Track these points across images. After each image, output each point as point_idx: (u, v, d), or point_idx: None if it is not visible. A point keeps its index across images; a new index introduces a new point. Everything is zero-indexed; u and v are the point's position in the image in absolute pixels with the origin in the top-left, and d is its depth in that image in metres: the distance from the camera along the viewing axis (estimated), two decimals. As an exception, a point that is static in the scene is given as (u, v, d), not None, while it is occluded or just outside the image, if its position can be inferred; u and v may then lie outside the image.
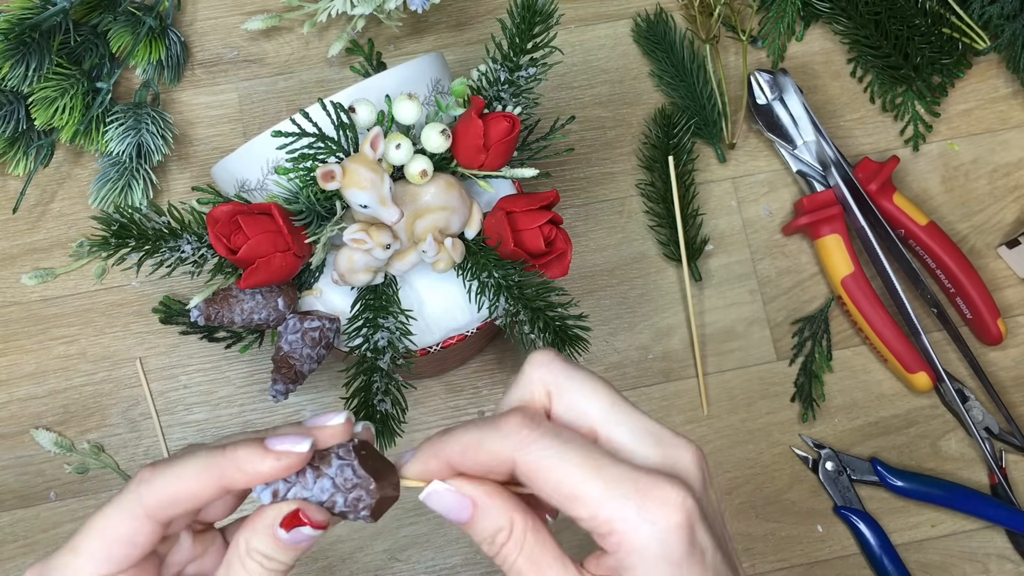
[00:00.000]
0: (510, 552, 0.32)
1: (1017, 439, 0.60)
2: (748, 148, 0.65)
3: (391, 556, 0.58)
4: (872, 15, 0.64)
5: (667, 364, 0.62)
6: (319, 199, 0.46)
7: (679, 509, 0.30)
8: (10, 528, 0.58)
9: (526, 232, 0.49)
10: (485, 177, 0.49)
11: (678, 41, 0.65)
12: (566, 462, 0.30)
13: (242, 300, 0.48)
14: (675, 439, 0.32)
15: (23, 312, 0.61)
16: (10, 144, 0.59)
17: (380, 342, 0.48)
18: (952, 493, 0.59)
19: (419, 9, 0.58)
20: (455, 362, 0.59)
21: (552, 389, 0.33)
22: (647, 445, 0.32)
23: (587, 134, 0.65)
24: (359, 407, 0.48)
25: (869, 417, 0.61)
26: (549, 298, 0.49)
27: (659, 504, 0.30)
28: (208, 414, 0.60)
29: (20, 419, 0.59)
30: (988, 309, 0.61)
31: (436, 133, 0.45)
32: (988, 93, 0.66)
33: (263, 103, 0.64)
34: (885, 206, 0.62)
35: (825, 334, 0.62)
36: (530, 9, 0.48)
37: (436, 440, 0.33)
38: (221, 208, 0.45)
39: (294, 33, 0.65)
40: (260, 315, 0.48)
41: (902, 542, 0.60)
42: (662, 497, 0.30)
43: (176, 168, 0.63)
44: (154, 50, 0.61)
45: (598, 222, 0.64)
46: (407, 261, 0.48)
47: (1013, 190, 0.65)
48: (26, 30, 0.56)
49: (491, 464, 0.32)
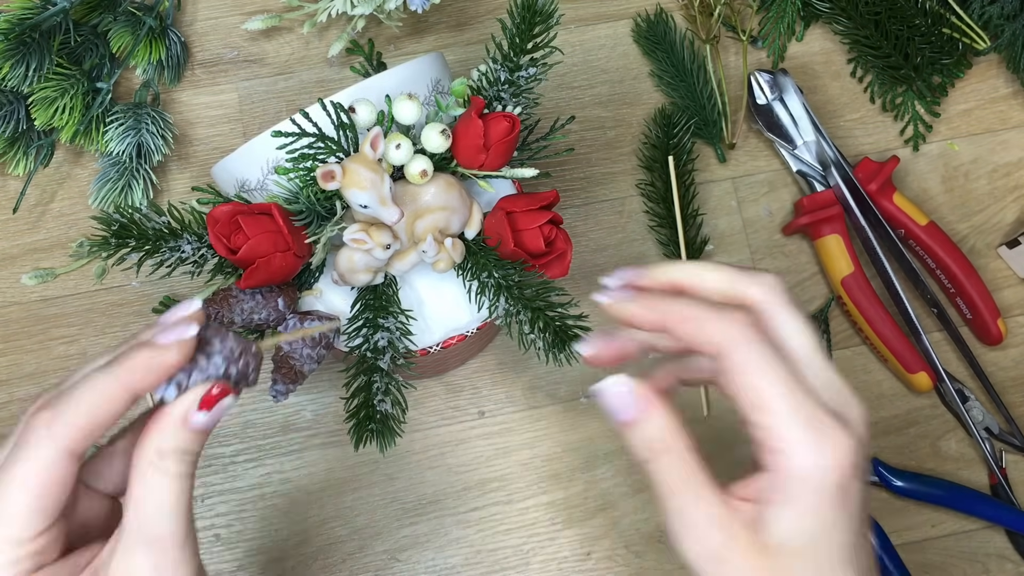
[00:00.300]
0: (667, 464, 0.34)
1: (1017, 439, 0.60)
2: (748, 148, 0.65)
3: (391, 556, 0.58)
4: (872, 15, 0.64)
5: (667, 364, 0.62)
6: (319, 199, 0.46)
7: (849, 453, 0.32)
8: (10, 528, 0.58)
9: (526, 232, 0.49)
10: (485, 177, 0.49)
11: (678, 41, 0.65)
12: (770, 374, 0.32)
13: (242, 300, 0.48)
14: (852, 397, 0.35)
15: (23, 312, 0.61)
16: (10, 144, 0.59)
17: (380, 342, 0.48)
18: (952, 493, 0.59)
19: (419, 9, 0.58)
20: (455, 362, 0.59)
21: (768, 309, 0.35)
22: (830, 393, 0.34)
23: (587, 134, 0.65)
24: (359, 407, 0.48)
25: (869, 417, 0.61)
26: (549, 298, 0.49)
27: (833, 443, 0.32)
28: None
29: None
30: (988, 309, 0.61)
31: (436, 133, 0.45)
32: (988, 93, 0.66)
33: (263, 103, 0.64)
34: (885, 206, 0.62)
35: (825, 334, 0.62)
36: (530, 9, 0.48)
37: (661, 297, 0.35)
38: (221, 208, 0.45)
39: (294, 33, 0.65)
40: (260, 315, 0.48)
41: (902, 542, 0.60)
42: (837, 438, 0.32)
43: (176, 168, 0.63)
44: (154, 50, 0.61)
45: (598, 222, 0.64)
46: (407, 261, 0.48)
47: (1013, 190, 0.65)
48: (26, 30, 0.56)
49: (700, 342, 0.34)
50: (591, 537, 0.59)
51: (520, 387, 0.61)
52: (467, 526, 0.59)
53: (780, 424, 0.32)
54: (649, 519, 0.59)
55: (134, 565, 0.32)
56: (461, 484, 0.59)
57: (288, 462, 0.59)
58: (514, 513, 0.59)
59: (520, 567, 0.59)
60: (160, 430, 0.33)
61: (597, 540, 0.59)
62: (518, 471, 0.60)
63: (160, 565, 0.32)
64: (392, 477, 0.59)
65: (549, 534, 0.59)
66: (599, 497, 0.59)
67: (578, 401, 0.61)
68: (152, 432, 0.33)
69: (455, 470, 0.60)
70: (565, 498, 0.60)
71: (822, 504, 0.32)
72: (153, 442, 0.33)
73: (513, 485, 0.60)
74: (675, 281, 0.37)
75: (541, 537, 0.59)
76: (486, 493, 0.59)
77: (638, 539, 0.59)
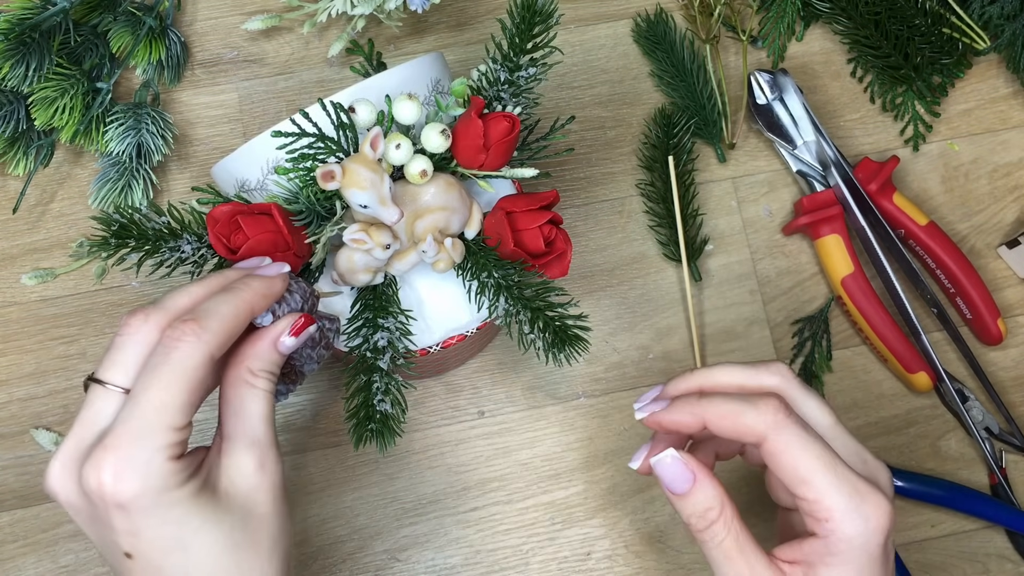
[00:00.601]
0: (719, 531, 0.39)
1: (1017, 439, 0.60)
2: (748, 148, 0.65)
3: (391, 556, 0.58)
4: (872, 15, 0.64)
5: (667, 364, 0.62)
6: (319, 199, 0.46)
7: (886, 515, 0.38)
8: (10, 528, 0.58)
9: (526, 232, 0.49)
10: (485, 177, 0.49)
11: (678, 41, 0.65)
12: (807, 451, 0.38)
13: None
14: (876, 461, 0.41)
15: (23, 312, 0.61)
16: (10, 144, 0.59)
17: (380, 342, 0.48)
18: (952, 493, 0.59)
19: (419, 9, 0.58)
20: (455, 362, 0.59)
21: (788, 393, 0.41)
22: (857, 460, 0.40)
23: (587, 134, 0.65)
24: (359, 407, 0.48)
25: (869, 417, 0.61)
26: (549, 298, 0.49)
27: (872, 507, 0.37)
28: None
29: (20, 419, 0.59)
30: (988, 309, 0.61)
31: (436, 133, 0.45)
32: (988, 93, 0.66)
33: (263, 103, 0.64)
34: (885, 206, 0.62)
35: (825, 334, 0.62)
36: (530, 9, 0.48)
37: (695, 399, 0.40)
38: (221, 208, 0.45)
39: (294, 33, 0.65)
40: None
41: (902, 542, 0.60)
42: (875, 502, 0.38)
43: (176, 168, 0.63)
44: (154, 50, 0.61)
45: (598, 222, 0.64)
46: (407, 261, 0.48)
47: (1013, 190, 0.65)
48: (26, 30, 0.56)
49: (740, 433, 0.39)
50: (591, 537, 0.59)
51: (520, 387, 0.61)
52: (467, 526, 0.59)
53: (824, 495, 0.37)
54: (649, 519, 0.59)
55: (242, 463, 0.39)
56: (461, 484, 0.59)
57: (288, 462, 0.59)
58: (514, 513, 0.59)
59: (520, 567, 0.59)
60: (255, 354, 0.40)
61: (597, 540, 0.59)
62: (518, 471, 0.60)
63: (263, 460, 0.39)
64: (392, 477, 0.59)
65: (549, 534, 0.59)
66: (599, 497, 0.59)
67: (578, 401, 0.61)
68: (246, 355, 0.40)
69: (455, 470, 0.60)
70: (565, 498, 0.60)
71: (870, 562, 0.38)
72: (246, 362, 0.40)
73: (513, 485, 0.60)
74: (696, 387, 0.42)
75: (541, 537, 0.59)
76: (486, 493, 0.59)
77: (638, 539, 0.59)
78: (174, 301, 0.40)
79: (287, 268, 0.43)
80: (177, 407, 0.37)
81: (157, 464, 0.36)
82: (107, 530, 0.37)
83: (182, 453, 0.38)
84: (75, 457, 0.38)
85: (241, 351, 0.40)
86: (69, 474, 0.38)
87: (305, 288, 0.43)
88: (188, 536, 0.37)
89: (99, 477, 0.36)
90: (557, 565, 0.59)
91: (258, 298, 0.40)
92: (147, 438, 0.36)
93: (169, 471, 0.37)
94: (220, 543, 0.38)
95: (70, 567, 0.58)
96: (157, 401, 0.37)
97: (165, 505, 0.37)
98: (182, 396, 0.37)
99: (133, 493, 0.36)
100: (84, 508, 0.38)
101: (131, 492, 0.36)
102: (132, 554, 0.37)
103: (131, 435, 0.36)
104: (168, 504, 0.37)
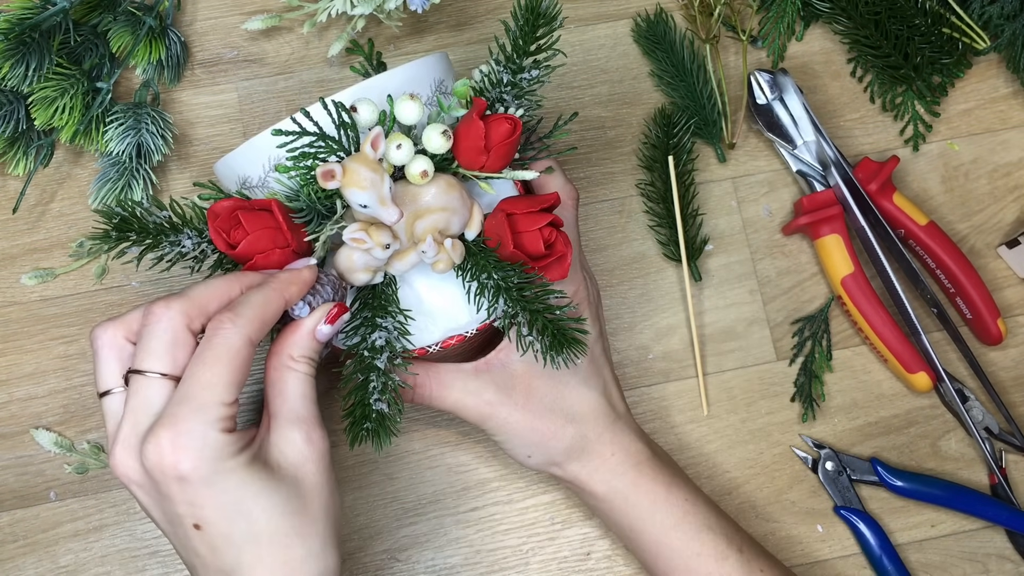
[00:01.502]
0: None
1: (1017, 439, 0.61)
2: (748, 148, 0.65)
3: (391, 556, 0.58)
4: (872, 15, 0.64)
5: (667, 364, 0.62)
6: (319, 198, 0.46)
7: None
8: (10, 528, 0.58)
9: (526, 234, 0.49)
10: (486, 179, 0.49)
11: (678, 41, 0.65)
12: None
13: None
14: None
15: (23, 312, 0.61)
16: (10, 144, 0.59)
17: (378, 341, 0.48)
18: (952, 493, 0.59)
19: (419, 9, 0.58)
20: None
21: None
22: None
23: (587, 134, 0.65)
24: (355, 405, 0.47)
25: (869, 417, 0.61)
26: (548, 300, 0.49)
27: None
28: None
29: (20, 419, 0.59)
30: (988, 309, 0.61)
31: (437, 134, 0.45)
32: (988, 93, 0.66)
33: (263, 103, 0.64)
34: (885, 206, 0.62)
35: (825, 334, 0.62)
36: (534, 11, 0.48)
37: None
38: (222, 203, 0.45)
39: (294, 33, 0.65)
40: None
41: (902, 542, 0.60)
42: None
43: (176, 168, 0.63)
44: (154, 50, 0.61)
45: (598, 222, 0.64)
46: (406, 261, 0.48)
47: (1013, 190, 0.65)
48: (26, 30, 0.56)
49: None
50: (591, 537, 0.59)
51: (520, 387, 0.61)
52: (467, 526, 0.59)
53: None
54: (649, 519, 0.59)
55: (292, 438, 0.43)
56: (461, 484, 0.59)
57: (288, 462, 0.59)
58: (514, 513, 0.59)
59: (520, 567, 0.59)
60: (294, 342, 0.44)
61: (597, 540, 0.59)
62: (518, 471, 0.60)
63: (310, 435, 0.43)
64: (392, 477, 0.59)
65: (549, 534, 0.59)
66: (599, 497, 0.59)
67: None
68: (286, 343, 0.44)
69: (455, 470, 0.60)
70: (565, 498, 0.60)
71: None
72: (287, 350, 0.44)
73: (513, 485, 0.60)
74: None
75: (541, 537, 0.59)
76: (486, 493, 0.59)
77: (638, 539, 0.59)
78: (194, 289, 0.43)
79: (314, 261, 0.46)
80: (224, 385, 0.40)
81: (211, 437, 0.40)
82: (171, 504, 0.40)
83: (233, 427, 0.41)
84: (134, 441, 0.41)
85: (282, 340, 0.44)
86: (131, 455, 0.41)
87: (335, 279, 0.46)
88: (248, 502, 0.40)
89: (159, 452, 0.39)
90: (557, 565, 0.59)
91: (287, 286, 0.44)
92: (199, 413, 0.40)
93: (223, 442, 0.40)
94: (279, 508, 0.41)
95: (70, 567, 0.58)
96: (205, 381, 0.40)
97: (223, 474, 0.40)
98: (227, 375, 0.41)
99: (192, 463, 0.39)
100: (148, 485, 0.41)
101: (190, 463, 0.39)
102: (200, 524, 0.40)
103: (184, 412, 0.40)
104: (225, 473, 0.40)
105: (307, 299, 0.45)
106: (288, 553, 0.41)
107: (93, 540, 0.58)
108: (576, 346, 0.48)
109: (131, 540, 0.58)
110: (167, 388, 0.41)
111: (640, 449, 0.53)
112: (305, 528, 0.42)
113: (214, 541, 0.40)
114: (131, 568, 0.58)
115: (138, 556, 0.58)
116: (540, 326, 0.48)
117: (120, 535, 0.58)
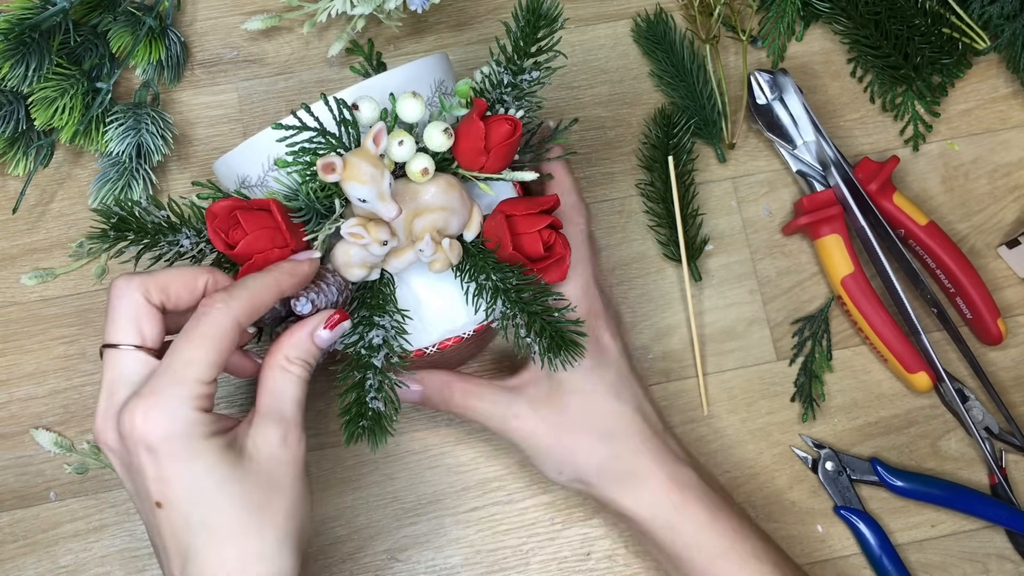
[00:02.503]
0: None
1: (1017, 439, 0.60)
2: (748, 148, 0.65)
3: (391, 556, 0.58)
4: (872, 15, 0.64)
5: (667, 364, 0.62)
6: (318, 197, 0.46)
7: None
8: (10, 528, 0.58)
9: (525, 236, 0.49)
10: (486, 179, 0.49)
11: (678, 41, 0.65)
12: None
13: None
14: None
15: (23, 312, 0.61)
16: (10, 144, 0.59)
17: (375, 340, 0.48)
18: (952, 493, 0.59)
19: (419, 9, 0.58)
20: (453, 364, 0.59)
21: None
22: None
23: (587, 134, 0.65)
24: (351, 403, 0.47)
25: (869, 417, 0.61)
26: (546, 302, 0.49)
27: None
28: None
29: (20, 419, 0.59)
30: (988, 309, 0.61)
31: (439, 131, 0.45)
32: (988, 93, 0.66)
33: (263, 103, 0.64)
34: (885, 206, 0.62)
35: (825, 334, 0.62)
36: (535, 13, 0.48)
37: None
38: (220, 203, 0.45)
39: (294, 33, 0.65)
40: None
41: (902, 542, 0.60)
42: None
43: (176, 168, 0.63)
44: (154, 50, 0.61)
45: (598, 222, 0.64)
46: (404, 259, 0.48)
47: (1013, 190, 0.65)
48: (26, 30, 0.56)
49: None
50: (591, 537, 0.59)
51: (520, 387, 0.61)
52: (467, 526, 0.59)
53: None
54: (649, 519, 0.59)
55: (268, 435, 0.43)
56: (461, 484, 0.59)
57: (288, 462, 0.59)
58: (514, 513, 0.59)
59: (520, 567, 0.59)
60: (292, 343, 0.45)
61: (597, 540, 0.59)
62: (518, 471, 0.60)
63: (287, 436, 0.43)
64: (392, 477, 0.59)
65: (549, 534, 0.59)
66: (599, 497, 0.59)
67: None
68: (284, 343, 0.45)
69: (455, 470, 0.60)
70: (565, 498, 0.60)
71: None
72: (284, 350, 0.44)
73: (513, 485, 0.60)
74: None
75: (541, 537, 0.59)
76: (486, 493, 0.59)
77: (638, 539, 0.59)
78: (160, 270, 0.44)
79: (317, 255, 0.46)
80: (206, 363, 0.41)
81: (184, 412, 0.40)
82: (141, 478, 0.41)
83: (209, 408, 0.42)
84: (113, 412, 0.42)
85: (281, 341, 0.45)
86: (110, 423, 0.42)
87: (341, 282, 0.46)
88: (212, 488, 0.41)
89: (132, 420, 0.40)
90: (557, 565, 0.59)
91: (285, 276, 0.44)
92: (176, 387, 0.40)
93: (195, 420, 0.40)
94: (241, 500, 0.41)
95: (70, 567, 0.58)
96: (187, 357, 0.41)
97: (192, 453, 0.40)
98: (210, 355, 0.41)
99: (162, 434, 0.40)
100: (121, 453, 0.42)
101: (159, 433, 0.40)
102: (162, 503, 0.41)
103: (162, 385, 0.40)
104: (194, 452, 0.40)
105: (310, 296, 0.45)
106: (242, 546, 0.41)
107: (93, 540, 0.58)
108: (574, 348, 0.48)
109: (131, 540, 0.58)
110: (140, 359, 0.42)
111: (683, 471, 0.51)
112: (264, 525, 0.42)
113: (174, 522, 0.41)
114: (131, 568, 0.58)
115: (138, 556, 0.58)
116: (538, 328, 0.48)
117: (120, 535, 0.58)
